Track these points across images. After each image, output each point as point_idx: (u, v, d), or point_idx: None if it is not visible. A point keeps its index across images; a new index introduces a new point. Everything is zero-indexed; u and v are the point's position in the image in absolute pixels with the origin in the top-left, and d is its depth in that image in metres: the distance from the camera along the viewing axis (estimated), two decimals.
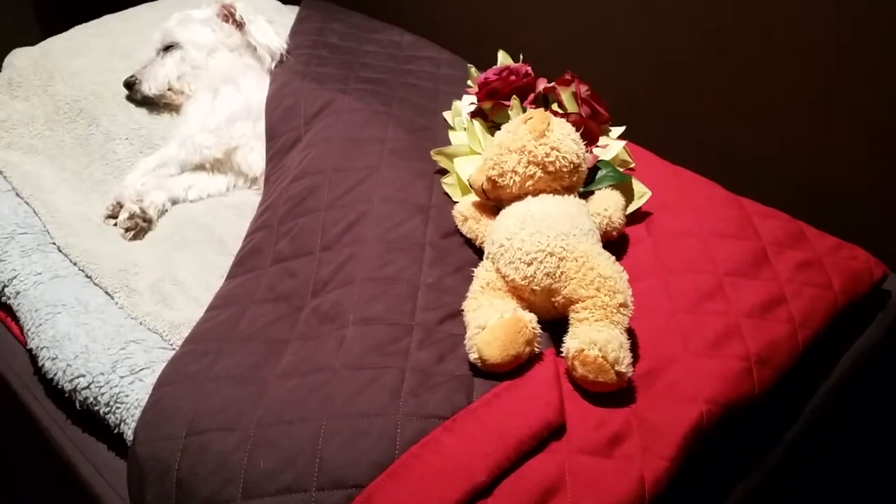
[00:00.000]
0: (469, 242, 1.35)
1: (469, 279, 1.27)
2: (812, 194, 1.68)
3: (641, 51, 1.85)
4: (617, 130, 1.58)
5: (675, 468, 1.03)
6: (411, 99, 1.69)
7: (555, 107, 1.52)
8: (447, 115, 1.64)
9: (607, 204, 1.33)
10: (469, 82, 1.69)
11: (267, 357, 1.16)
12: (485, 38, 2.08)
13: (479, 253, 1.33)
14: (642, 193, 1.42)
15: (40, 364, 1.26)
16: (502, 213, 1.24)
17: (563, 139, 1.23)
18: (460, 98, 1.72)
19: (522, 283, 1.14)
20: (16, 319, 1.38)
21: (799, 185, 1.70)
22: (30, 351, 1.30)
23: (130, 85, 1.72)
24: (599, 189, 1.36)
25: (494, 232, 1.20)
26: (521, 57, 1.68)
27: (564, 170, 1.23)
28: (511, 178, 1.24)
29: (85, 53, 1.81)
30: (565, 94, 1.50)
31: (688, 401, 1.10)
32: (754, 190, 1.57)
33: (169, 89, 1.73)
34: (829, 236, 1.45)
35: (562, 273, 1.13)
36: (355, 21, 2.09)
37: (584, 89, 1.51)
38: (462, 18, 2.20)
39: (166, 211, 1.61)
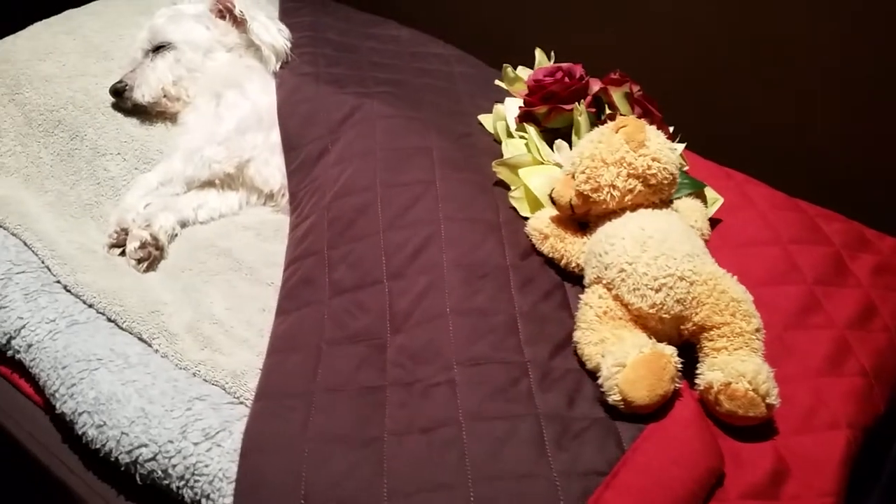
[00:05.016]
0: (549, 262, 1.23)
1: (562, 304, 1.17)
2: (835, 188, 1.66)
3: (656, 43, 1.79)
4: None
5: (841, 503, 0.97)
6: (439, 102, 1.55)
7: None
8: (485, 119, 1.51)
9: (696, 215, 1.25)
10: (501, 83, 1.57)
11: (367, 410, 1.02)
12: (465, 29, 1.99)
13: (561, 273, 1.22)
14: (714, 200, 1.35)
15: (80, 432, 1.07)
16: (603, 231, 1.14)
17: (661, 149, 1.14)
18: (482, 98, 1.61)
19: (650, 311, 1.04)
20: (28, 376, 1.18)
21: (821, 180, 1.68)
22: (59, 415, 1.10)
23: (119, 92, 1.50)
24: (678, 198, 1.28)
25: (606, 255, 1.09)
26: (553, 55, 1.58)
27: (665, 182, 1.14)
28: (609, 192, 1.13)
29: (54, 55, 1.57)
30: (617, 95, 1.40)
31: (831, 427, 1.05)
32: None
33: (164, 96, 1.52)
34: (887, 236, 1.43)
35: (693, 298, 1.04)
36: (344, 14, 1.92)
37: (636, 89, 1.42)
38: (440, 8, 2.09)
39: (176, 235, 1.42)
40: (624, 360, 0.97)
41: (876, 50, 1.55)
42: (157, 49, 1.54)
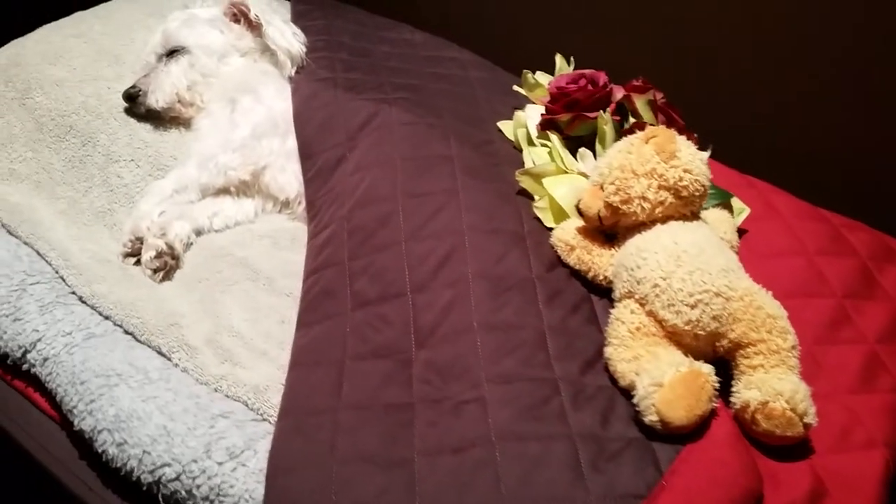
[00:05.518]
0: (575, 274, 1.21)
1: (590, 318, 1.15)
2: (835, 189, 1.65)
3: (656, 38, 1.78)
4: None
5: None
6: (457, 108, 1.52)
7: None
8: (505, 126, 1.49)
9: (725, 227, 1.23)
10: (520, 89, 1.55)
11: (395, 428, 1.00)
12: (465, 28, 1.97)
13: (587, 285, 1.20)
14: (741, 210, 1.33)
15: (99, 450, 1.04)
16: (634, 245, 1.11)
17: (692, 160, 1.11)
18: (500, 104, 1.59)
19: (686, 327, 1.02)
20: (43, 390, 1.15)
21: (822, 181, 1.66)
22: (77, 432, 1.08)
23: (133, 97, 1.47)
24: (705, 209, 1.25)
25: (638, 269, 1.07)
26: (573, 60, 1.56)
27: (697, 194, 1.12)
28: (639, 204, 1.11)
29: (65, 59, 1.54)
30: (640, 102, 1.38)
31: (867, 447, 1.03)
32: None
33: (178, 101, 1.49)
34: None
35: (729, 315, 1.02)
36: (357, 17, 1.89)
37: (659, 96, 1.40)
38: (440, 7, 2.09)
39: (191, 244, 1.39)
40: (661, 379, 0.95)
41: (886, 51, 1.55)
42: (171, 53, 1.51)
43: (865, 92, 1.62)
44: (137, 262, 1.33)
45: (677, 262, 1.04)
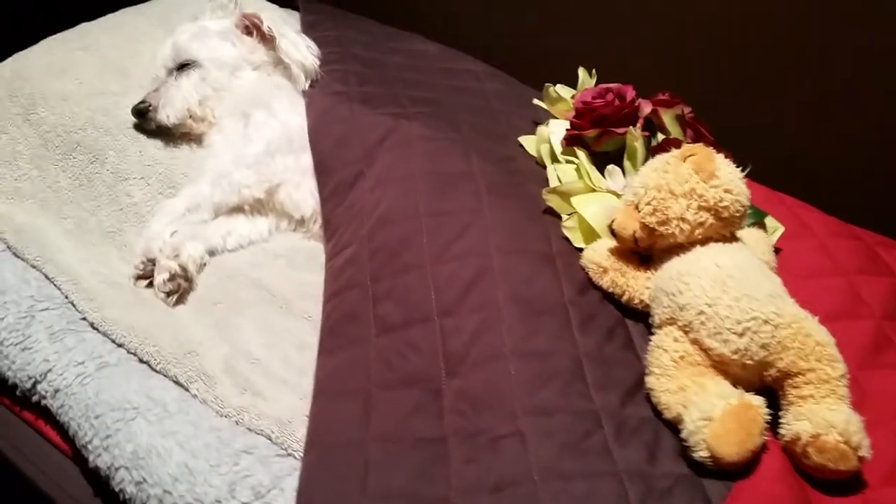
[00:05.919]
0: (608, 297, 1.16)
1: (626, 344, 1.11)
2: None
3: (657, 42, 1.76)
4: None
5: None
6: (476, 122, 1.48)
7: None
8: (526, 141, 1.44)
9: (762, 247, 1.19)
10: (540, 103, 1.50)
11: (429, 465, 0.95)
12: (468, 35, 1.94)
13: (622, 309, 1.15)
14: (775, 228, 1.29)
15: (117, 488, 0.99)
16: (674, 269, 1.06)
17: (732, 179, 1.07)
18: (518, 118, 1.55)
19: (733, 356, 0.97)
20: (54, 422, 1.10)
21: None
22: (92, 469, 1.02)
23: (143, 112, 1.42)
24: (741, 229, 1.21)
25: (680, 295, 1.02)
26: (594, 73, 1.51)
27: (738, 214, 1.08)
28: (677, 226, 1.06)
29: (71, 72, 1.48)
30: (667, 117, 1.34)
31: None
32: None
33: (189, 117, 1.44)
34: None
35: (778, 343, 0.97)
36: (366, 27, 1.84)
37: (687, 111, 1.35)
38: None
39: (205, 265, 1.33)
40: (710, 412, 0.91)
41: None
42: (181, 67, 1.46)
43: (869, 96, 1.60)
44: (149, 285, 1.27)
45: (723, 287, 0.99)
